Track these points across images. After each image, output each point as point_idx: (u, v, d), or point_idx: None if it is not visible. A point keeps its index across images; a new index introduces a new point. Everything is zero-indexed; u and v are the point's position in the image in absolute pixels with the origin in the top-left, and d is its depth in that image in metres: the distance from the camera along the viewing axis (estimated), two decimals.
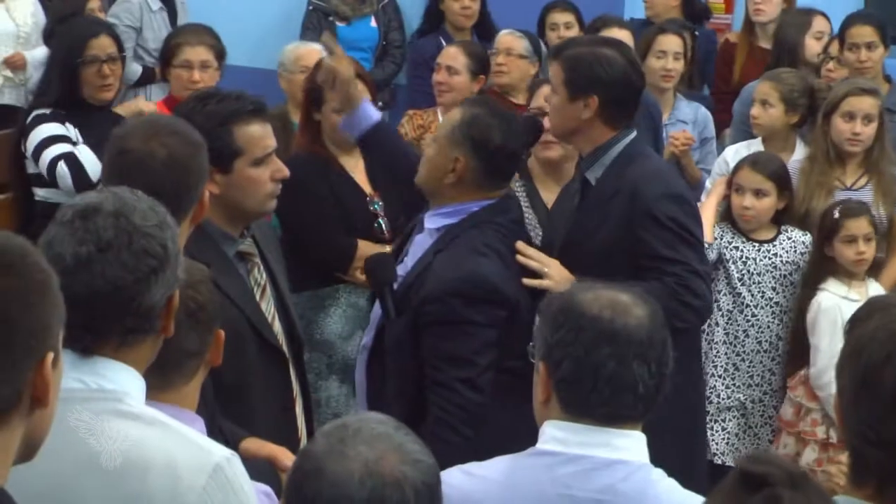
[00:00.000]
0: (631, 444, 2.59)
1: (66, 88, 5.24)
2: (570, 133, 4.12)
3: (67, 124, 5.23)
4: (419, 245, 4.07)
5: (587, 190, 4.10)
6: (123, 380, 2.35)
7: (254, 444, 3.25)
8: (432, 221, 4.04)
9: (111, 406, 2.32)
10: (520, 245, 3.98)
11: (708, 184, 5.90)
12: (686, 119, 6.43)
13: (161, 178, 3.02)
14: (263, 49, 7.89)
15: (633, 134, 4.11)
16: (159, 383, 2.58)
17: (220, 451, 2.34)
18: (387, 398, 3.96)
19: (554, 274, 3.97)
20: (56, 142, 5.22)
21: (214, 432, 2.99)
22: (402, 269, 4.04)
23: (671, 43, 6.35)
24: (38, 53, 7.07)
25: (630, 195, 3.97)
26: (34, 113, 5.25)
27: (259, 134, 3.54)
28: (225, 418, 3.22)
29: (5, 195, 5.69)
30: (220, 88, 4.90)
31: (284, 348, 3.67)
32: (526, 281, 3.95)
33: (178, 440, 2.32)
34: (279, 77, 6.39)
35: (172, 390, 2.63)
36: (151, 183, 3.00)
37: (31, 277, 1.79)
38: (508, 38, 6.58)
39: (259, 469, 2.96)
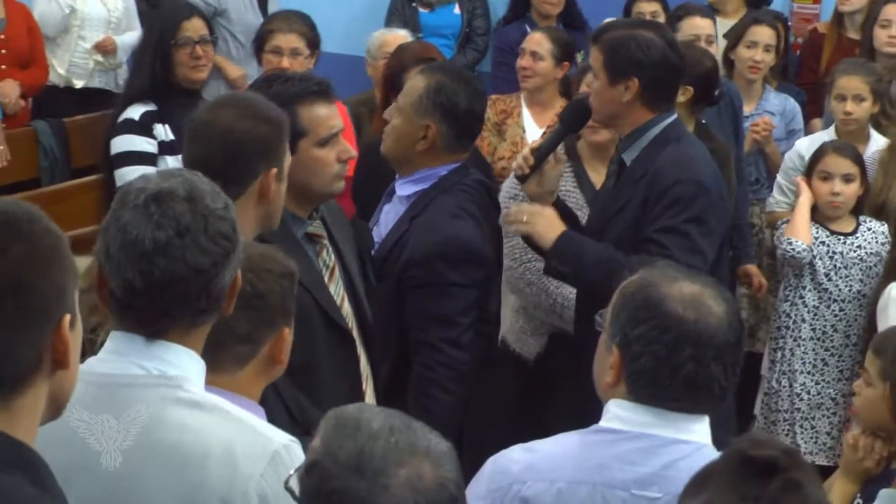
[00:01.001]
0: (695, 427, 2.59)
1: (158, 71, 5.26)
2: (611, 117, 4.10)
3: (156, 126, 5.20)
4: (389, 213, 4.20)
5: (622, 171, 4.10)
6: (185, 364, 2.36)
7: None
8: (403, 189, 4.17)
9: (172, 393, 2.33)
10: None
11: (780, 178, 5.87)
12: (774, 110, 6.39)
13: (213, 147, 3.08)
14: (351, 35, 7.96)
15: (673, 117, 4.09)
16: (209, 363, 2.58)
17: (278, 438, 2.34)
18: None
19: (532, 219, 4.03)
20: (137, 162, 5.19)
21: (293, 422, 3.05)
22: (375, 235, 4.16)
23: (763, 34, 6.29)
24: (128, 38, 7.18)
25: (652, 177, 3.96)
26: (123, 117, 5.20)
27: (324, 114, 3.54)
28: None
29: (98, 176, 5.80)
30: (288, 71, 4.96)
31: (353, 330, 3.68)
32: (507, 228, 4.06)
33: (237, 427, 2.33)
34: (366, 63, 6.43)
35: (223, 373, 2.63)
36: (203, 151, 3.11)
37: (42, 242, 1.81)
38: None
39: None
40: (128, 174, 5.21)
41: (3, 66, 6.86)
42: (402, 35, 6.36)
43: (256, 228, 3.16)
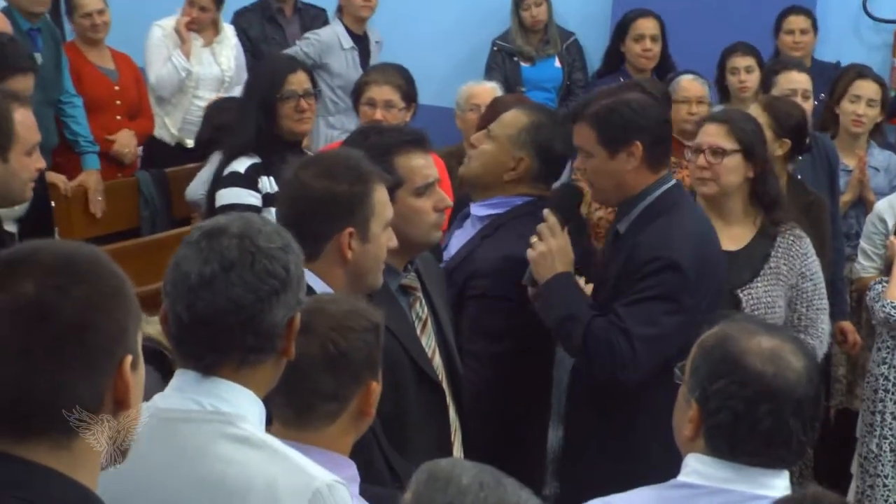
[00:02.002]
0: (775, 483, 2.57)
1: (263, 123, 5.30)
2: (616, 189, 3.95)
3: (261, 179, 5.24)
4: (460, 237, 4.29)
5: (616, 242, 4.01)
6: (241, 403, 2.39)
7: None
8: (479, 210, 4.28)
9: (223, 429, 2.36)
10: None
11: (863, 243, 5.81)
12: (878, 166, 6.35)
13: (290, 206, 3.17)
14: (449, 88, 8.02)
15: (670, 183, 3.97)
16: (294, 422, 2.64)
17: (323, 477, 2.35)
18: None
19: (545, 248, 3.96)
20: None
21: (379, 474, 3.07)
22: (444, 257, 4.25)
23: (867, 89, 6.26)
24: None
25: (629, 253, 3.88)
26: (229, 169, 5.25)
27: (420, 164, 3.59)
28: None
29: (191, 227, 5.91)
30: (384, 123, 5.01)
31: (443, 382, 3.70)
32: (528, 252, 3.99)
33: (283, 464, 2.34)
34: (455, 115, 6.48)
35: (311, 430, 2.65)
36: (283, 209, 3.21)
37: (105, 283, 1.84)
38: (696, 85, 6.50)
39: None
40: None
41: (119, 117, 7.01)
42: (489, 87, 6.41)
43: (350, 288, 3.19)
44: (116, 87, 7.04)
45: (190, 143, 7.33)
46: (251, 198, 5.21)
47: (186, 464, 2.33)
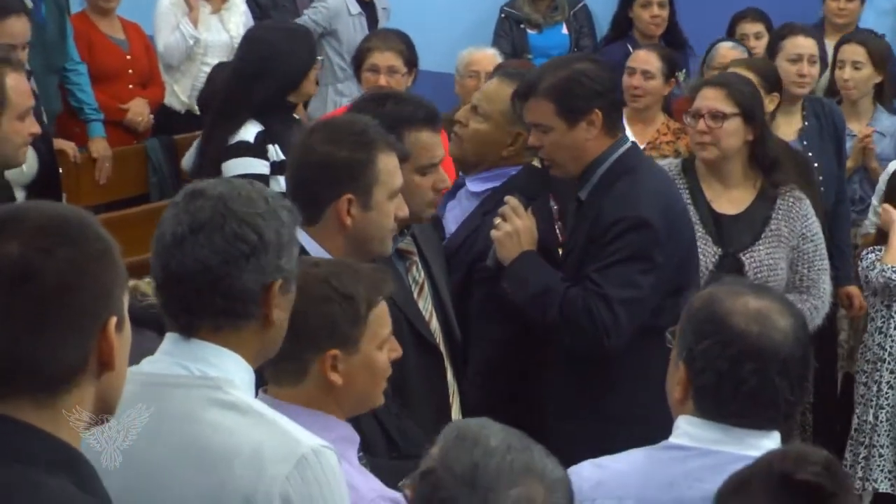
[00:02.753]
0: (765, 443, 2.55)
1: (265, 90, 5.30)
2: (576, 159, 3.91)
3: (269, 147, 5.22)
4: (454, 210, 4.27)
5: (579, 210, 3.97)
6: (228, 367, 2.38)
7: None
8: (474, 185, 4.25)
9: (210, 394, 2.35)
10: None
11: (874, 201, 5.80)
12: (885, 131, 6.33)
13: (293, 170, 3.19)
14: (455, 55, 8.02)
15: (628, 144, 3.97)
16: (272, 380, 2.65)
17: (309, 442, 2.33)
18: None
19: (508, 228, 3.92)
20: None
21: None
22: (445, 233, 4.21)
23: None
24: None
25: (595, 216, 3.86)
26: (237, 138, 5.21)
27: (429, 143, 3.58)
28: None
29: None
30: (401, 91, 5.00)
31: (441, 346, 3.70)
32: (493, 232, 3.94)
33: (269, 429, 2.33)
34: (455, 82, 6.48)
35: (285, 386, 2.66)
36: (288, 173, 3.24)
37: (91, 245, 1.85)
38: (735, 53, 6.43)
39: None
40: None
41: (131, 86, 7.02)
42: (489, 53, 6.40)
43: (352, 255, 3.17)
44: (128, 57, 7.04)
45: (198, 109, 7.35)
46: (261, 167, 5.19)
47: (172, 430, 2.33)
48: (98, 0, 7.03)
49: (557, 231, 4.20)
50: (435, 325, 3.73)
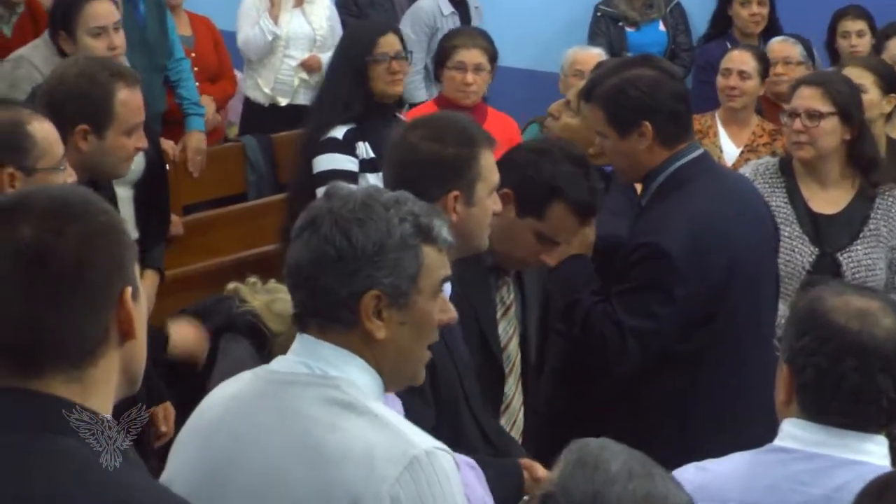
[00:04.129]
0: (872, 448, 2.54)
1: (355, 87, 5.35)
2: (635, 168, 3.82)
3: (358, 145, 5.25)
4: None
5: (640, 216, 3.88)
6: (348, 369, 2.38)
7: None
8: None
9: (327, 392, 2.36)
10: None
11: None
12: None
13: (396, 168, 3.16)
14: (549, 53, 8.00)
15: (691, 156, 3.81)
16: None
17: (422, 443, 2.32)
18: None
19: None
20: (341, 180, 5.19)
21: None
22: None
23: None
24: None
25: (628, 236, 3.79)
26: (328, 135, 5.25)
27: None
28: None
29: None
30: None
31: (506, 367, 3.71)
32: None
33: (383, 430, 2.32)
34: (560, 80, 6.48)
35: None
36: (389, 171, 3.21)
37: (98, 220, 1.90)
38: (785, 46, 6.51)
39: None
40: None
41: (197, 83, 6.95)
42: (595, 53, 6.38)
43: (454, 251, 3.13)
44: (193, 54, 7.06)
45: (283, 101, 7.39)
46: (349, 163, 5.24)
47: (289, 427, 2.35)
48: None
49: None
50: (513, 347, 3.72)
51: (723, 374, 3.80)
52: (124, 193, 4.73)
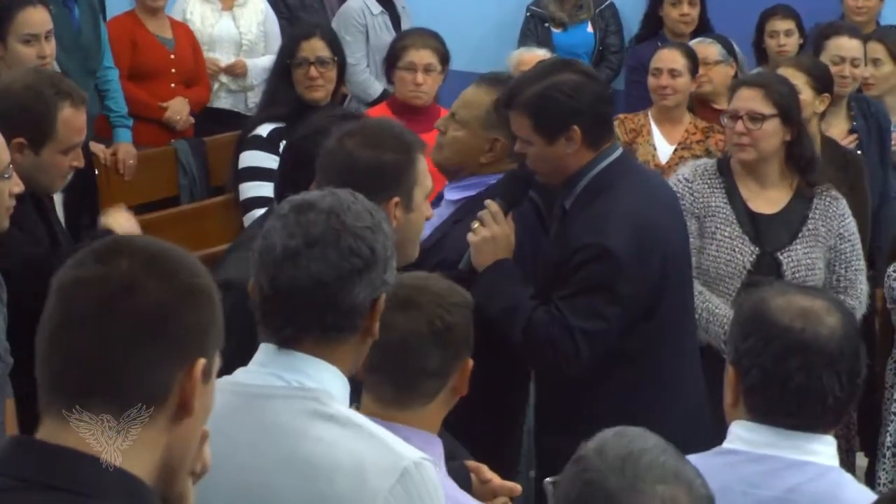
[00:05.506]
0: (821, 448, 2.55)
1: (280, 89, 5.39)
2: (558, 172, 3.83)
3: (282, 144, 5.09)
4: (434, 218, 4.07)
5: (564, 218, 3.88)
6: (325, 378, 2.37)
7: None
8: (452, 193, 4.17)
9: (309, 406, 2.34)
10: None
11: None
12: None
13: (333, 175, 3.09)
14: (481, 54, 8.01)
15: (613, 156, 3.85)
16: (395, 399, 2.62)
17: (410, 455, 2.34)
18: None
19: (485, 233, 3.83)
20: (261, 177, 5.27)
21: None
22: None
23: (874, 50, 6.19)
24: (264, 62, 7.14)
25: (564, 238, 3.79)
26: (254, 132, 5.33)
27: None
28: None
29: (228, 195, 5.94)
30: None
31: None
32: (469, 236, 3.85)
33: (370, 442, 2.33)
34: None
35: (409, 410, 2.64)
36: (326, 180, 3.11)
37: (195, 279, 1.84)
38: (701, 47, 6.58)
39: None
40: (251, 189, 5.34)
41: (174, 85, 6.99)
42: (540, 54, 6.38)
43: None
44: (172, 56, 7.01)
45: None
46: (271, 161, 5.21)
47: (273, 442, 2.32)
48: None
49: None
50: None
51: (665, 368, 3.88)
52: (56, 199, 4.66)
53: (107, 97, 6.45)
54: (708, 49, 6.58)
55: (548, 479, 2.07)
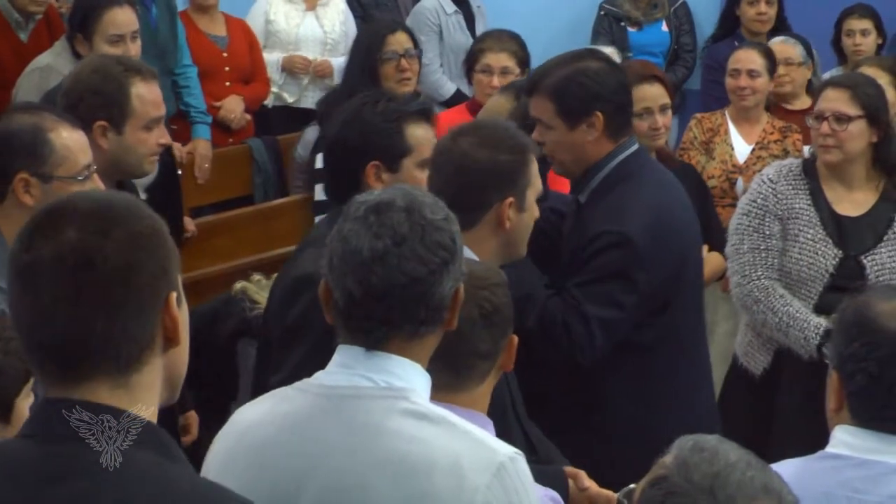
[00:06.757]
0: None
1: (367, 86, 5.35)
2: (577, 161, 3.79)
3: None
4: None
5: (579, 212, 3.85)
6: (411, 377, 2.38)
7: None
8: None
9: (400, 405, 2.34)
10: None
11: None
12: None
13: (448, 176, 3.15)
14: (553, 52, 7.93)
15: (632, 149, 3.82)
16: (452, 383, 2.65)
17: (504, 450, 2.35)
18: None
19: None
20: None
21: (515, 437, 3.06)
22: None
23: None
24: (345, 61, 7.15)
25: (582, 226, 3.78)
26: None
27: (429, 136, 3.47)
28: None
29: (302, 195, 5.98)
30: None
31: None
32: None
33: (464, 439, 2.34)
34: None
35: (465, 392, 2.68)
36: (440, 180, 3.20)
37: (142, 224, 1.88)
38: (785, 48, 6.51)
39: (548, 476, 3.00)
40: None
41: (228, 83, 7.00)
42: (608, 51, 6.35)
43: (499, 258, 3.24)
44: (225, 54, 7.03)
45: (288, 97, 7.34)
46: None
47: (365, 442, 2.32)
48: None
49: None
50: None
51: (677, 363, 3.85)
52: (142, 196, 4.67)
53: (186, 94, 6.47)
54: (792, 49, 6.51)
55: (619, 495, 2.02)
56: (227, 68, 6.98)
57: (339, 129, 3.45)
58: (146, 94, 3.96)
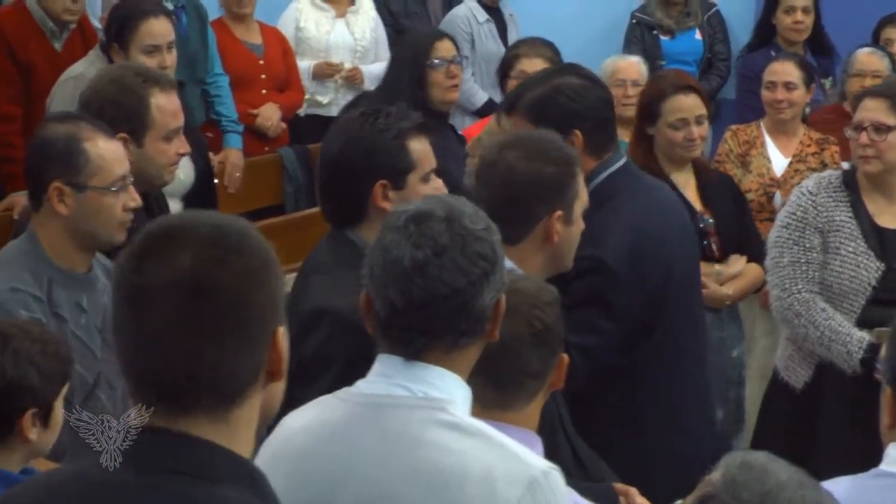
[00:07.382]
0: None
1: (416, 94, 5.32)
2: None
3: None
4: None
5: None
6: (450, 388, 2.37)
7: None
8: None
9: (436, 415, 2.34)
10: None
11: None
12: None
13: (495, 189, 3.13)
14: (585, 60, 7.87)
15: (616, 165, 3.75)
16: (498, 399, 2.64)
17: (538, 464, 2.34)
18: None
19: None
20: None
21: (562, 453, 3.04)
22: None
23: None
24: (375, 69, 7.16)
25: None
26: None
27: (428, 149, 3.40)
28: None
29: None
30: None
31: None
32: None
33: (497, 451, 2.32)
34: None
35: (514, 410, 2.67)
36: (486, 193, 3.16)
37: (257, 254, 1.83)
38: (873, 59, 6.36)
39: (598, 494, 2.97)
40: None
41: (264, 91, 6.99)
42: (634, 61, 6.32)
43: (545, 270, 3.22)
44: (261, 62, 7.02)
45: (322, 99, 7.32)
46: None
47: (399, 451, 2.31)
48: (233, 6, 7.04)
49: None
50: None
51: (665, 384, 3.79)
52: (175, 206, 4.66)
53: (217, 103, 6.47)
54: (880, 62, 6.33)
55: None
56: (263, 76, 6.97)
57: (340, 149, 3.32)
58: (165, 105, 3.94)
